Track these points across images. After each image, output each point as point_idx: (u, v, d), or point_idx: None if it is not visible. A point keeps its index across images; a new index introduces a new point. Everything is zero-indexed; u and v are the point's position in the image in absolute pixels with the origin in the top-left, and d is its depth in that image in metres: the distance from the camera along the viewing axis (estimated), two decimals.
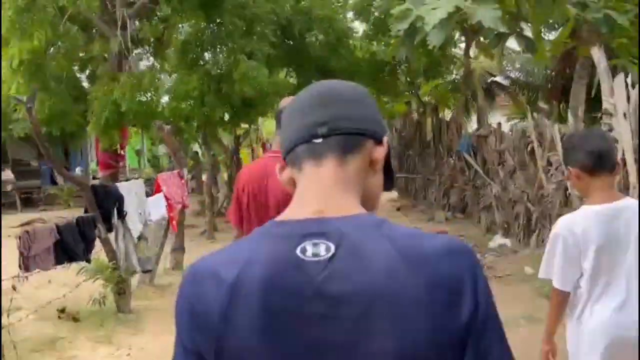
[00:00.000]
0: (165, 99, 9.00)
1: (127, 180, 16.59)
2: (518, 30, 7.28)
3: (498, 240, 6.89)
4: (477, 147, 8.38)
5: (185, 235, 9.05)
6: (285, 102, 2.50)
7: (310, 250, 0.73)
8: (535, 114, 6.97)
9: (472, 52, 14.32)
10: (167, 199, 6.27)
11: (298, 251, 0.73)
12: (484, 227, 7.95)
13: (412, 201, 11.83)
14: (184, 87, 8.55)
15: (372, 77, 11.46)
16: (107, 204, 5.04)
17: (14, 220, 11.54)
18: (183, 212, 6.85)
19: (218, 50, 8.76)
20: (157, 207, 6.00)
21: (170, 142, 6.53)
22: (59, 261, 4.03)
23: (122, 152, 11.30)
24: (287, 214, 0.80)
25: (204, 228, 9.52)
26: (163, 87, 8.62)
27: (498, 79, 14.11)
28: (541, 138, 6.31)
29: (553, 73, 11.88)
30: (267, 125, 26.31)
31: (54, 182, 17.76)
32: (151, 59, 12.78)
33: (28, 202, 14.77)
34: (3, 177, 14.13)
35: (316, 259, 0.72)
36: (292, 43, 10.85)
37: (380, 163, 0.83)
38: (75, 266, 4.91)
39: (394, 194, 13.84)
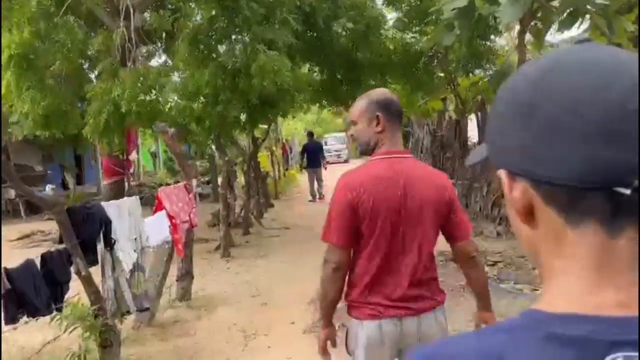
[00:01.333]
0: (173, 97, 7.92)
1: (138, 186, 15.64)
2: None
3: None
4: None
5: (196, 252, 7.93)
6: (359, 102, 2.09)
7: None
8: None
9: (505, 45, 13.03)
10: (170, 218, 5.15)
11: None
12: None
13: None
14: (195, 83, 7.44)
15: (404, 71, 10.24)
16: (89, 230, 3.93)
17: (13, 231, 10.60)
18: (191, 231, 5.73)
19: (233, 40, 7.64)
20: (157, 229, 4.88)
21: (175, 148, 5.41)
22: (11, 319, 2.92)
23: (129, 158, 10.34)
24: (564, 299, 0.54)
25: (218, 242, 8.39)
26: (171, 84, 7.51)
27: None
28: None
29: None
30: (286, 126, 25.28)
31: (65, 187, 16.99)
32: (163, 56, 11.85)
33: (33, 209, 13.85)
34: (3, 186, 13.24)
35: None
36: (315, 34, 9.70)
37: None
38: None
39: None
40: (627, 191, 0.50)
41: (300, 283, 6.33)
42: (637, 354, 0.48)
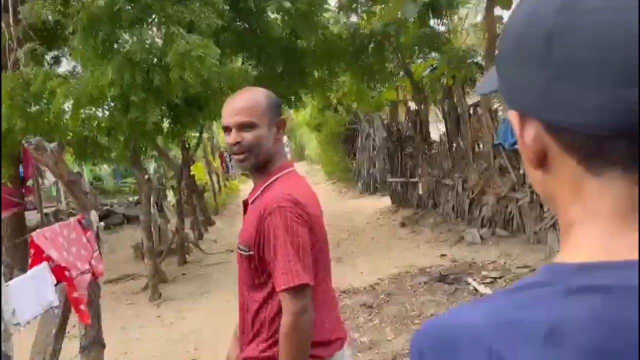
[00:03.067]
0: (69, 105, 6.24)
1: (55, 214, 13.51)
2: None
3: None
4: None
5: (118, 295, 6.34)
6: (254, 97, 1.76)
7: None
8: None
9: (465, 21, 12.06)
10: (60, 270, 3.56)
11: None
12: (556, 251, 5.53)
13: (416, 212, 9.35)
14: (96, 83, 5.80)
15: (352, 57, 8.97)
16: None
17: None
18: (96, 284, 4.12)
19: (143, 25, 6.07)
20: (33, 294, 3.27)
21: (58, 170, 3.80)
22: None
23: (29, 185, 8.55)
24: (587, 249, 0.50)
25: (146, 281, 6.73)
26: (63, 89, 5.82)
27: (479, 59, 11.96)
28: None
29: None
30: (223, 133, 23.51)
31: None
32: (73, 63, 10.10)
33: None
34: None
35: None
36: (246, 23, 8.28)
37: None
38: None
39: (386, 201, 11.37)
40: None
41: None
42: None
